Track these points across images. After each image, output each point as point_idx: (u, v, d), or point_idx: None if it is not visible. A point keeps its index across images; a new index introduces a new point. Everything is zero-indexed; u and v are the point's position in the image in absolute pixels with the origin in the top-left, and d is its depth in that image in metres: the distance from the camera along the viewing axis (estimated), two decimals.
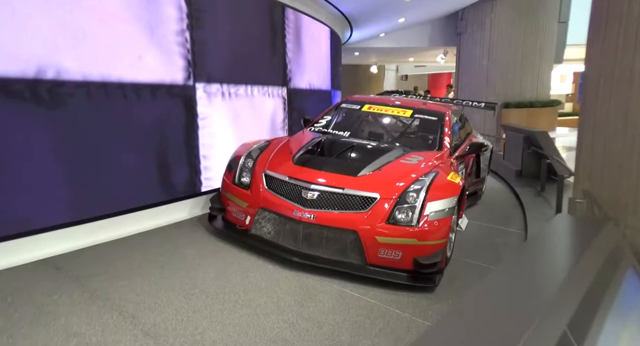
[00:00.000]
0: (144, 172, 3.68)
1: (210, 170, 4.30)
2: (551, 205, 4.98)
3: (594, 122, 3.11)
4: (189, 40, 3.85)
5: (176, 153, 3.93)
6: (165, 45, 3.64)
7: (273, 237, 3.30)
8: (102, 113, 3.26)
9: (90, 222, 3.31)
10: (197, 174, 4.17)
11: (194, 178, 4.15)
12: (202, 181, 4.24)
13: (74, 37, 2.98)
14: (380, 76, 22.96)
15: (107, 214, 3.42)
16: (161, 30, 3.59)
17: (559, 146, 6.79)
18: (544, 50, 11.55)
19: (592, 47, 3.24)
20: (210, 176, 4.31)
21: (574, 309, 1.30)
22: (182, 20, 3.77)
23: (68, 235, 3.17)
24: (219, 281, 2.86)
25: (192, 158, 4.09)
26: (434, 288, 2.91)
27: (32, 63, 2.79)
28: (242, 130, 4.76)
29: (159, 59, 3.61)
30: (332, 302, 2.68)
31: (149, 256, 3.17)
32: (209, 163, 4.28)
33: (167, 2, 3.63)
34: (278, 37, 5.54)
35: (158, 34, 3.56)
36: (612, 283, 1.73)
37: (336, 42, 8.86)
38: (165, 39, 3.63)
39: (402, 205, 2.99)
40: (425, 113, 4.53)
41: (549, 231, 2.41)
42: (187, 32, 3.83)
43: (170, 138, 3.85)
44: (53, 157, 3.00)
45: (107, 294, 2.58)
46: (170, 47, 3.69)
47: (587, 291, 1.46)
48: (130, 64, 3.39)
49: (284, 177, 3.32)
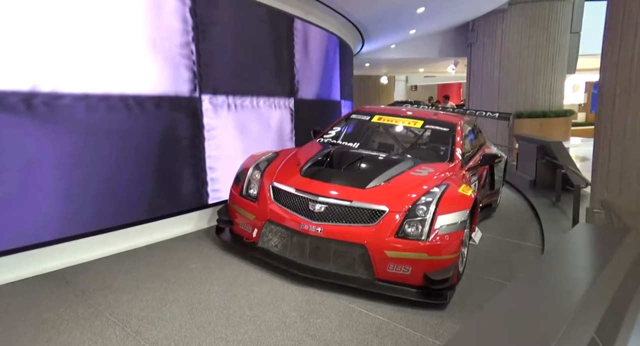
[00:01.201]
0: (150, 184, 3.66)
1: (218, 181, 4.28)
2: (567, 216, 4.86)
3: (611, 131, 3.06)
4: (194, 52, 3.86)
5: (183, 165, 3.92)
6: (170, 58, 3.65)
7: (280, 250, 3.24)
8: (106, 126, 3.24)
9: (98, 235, 3.29)
10: (204, 186, 4.15)
11: (200, 190, 4.12)
12: (209, 193, 4.21)
13: (72, 48, 2.98)
14: (391, 87, 22.98)
15: (114, 227, 3.40)
16: (166, 42, 3.59)
17: (572, 156, 6.68)
18: (556, 60, 11.48)
19: (608, 57, 3.21)
20: (218, 188, 4.28)
21: (600, 316, 1.27)
22: (188, 32, 3.78)
23: (77, 247, 3.16)
24: (225, 296, 2.81)
25: (198, 170, 4.07)
26: (445, 305, 2.81)
27: (28, 75, 2.77)
28: (249, 142, 4.74)
29: (164, 71, 3.62)
30: (339, 319, 2.60)
31: (155, 269, 3.14)
32: (215, 175, 4.25)
33: (172, 14, 3.64)
34: (285, 47, 5.55)
35: (163, 46, 3.57)
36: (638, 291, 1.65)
37: (346, 53, 8.87)
38: (170, 51, 3.64)
39: (412, 219, 2.91)
40: (436, 124, 4.46)
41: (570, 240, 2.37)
42: (193, 44, 3.84)
43: (177, 150, 3.84)
44: (59, 171, 3.00)
45: (111, 308, 2.55)
46: (175, 60, 3.69)
47: (613, 298, 1.42)
48: (134, 76, 3.39)
49: (291, 189, 3.28)
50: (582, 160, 8.65)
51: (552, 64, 11.44)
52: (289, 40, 5.63)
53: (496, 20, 11.77)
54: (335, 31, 7.76)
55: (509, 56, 11.71)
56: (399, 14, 8.66)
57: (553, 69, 11.49)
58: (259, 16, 4.87)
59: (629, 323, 1.35)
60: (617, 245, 2.01)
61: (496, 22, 11.79)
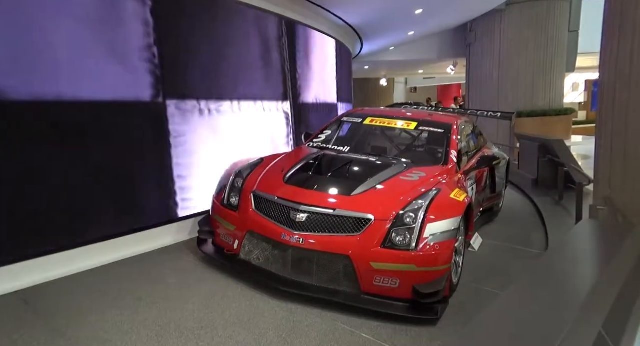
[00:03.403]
0: (112, 196, 3.40)
1: (190, 190, 4.02)
2: (571, 214, 4.72)
3: (612, 128, 3.03)
4: (157, 55, 3.64)
5: (146, 174, 3.65)
6: (129, 62, 3.43)
7: (261, 262, 3.04)
8: (59, 135, 3.03)
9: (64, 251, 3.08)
10: (172, 196, 3.88)
11: (167, 201, 3.85)
12: (178, 202, 3.93)
13: (20, 51, 2.76)
14: (390, 89, 22.86)
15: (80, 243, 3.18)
16: (123, 46, 3.38)
17: (574, 154, 6.52)
18: (555, 59, 11.39)
19: (607, 53, 3.19)
20: (189, 197, 4.01)
21: (607, 311, 1.28)
22: (149, 35, 3.56)
23: (41, 264, 2.95)
24: (198, 314, 2.61)
25: (165, 179, 3.81)
26: (436, 320, 2.58)
27: None
28: (233, 148, 4.52)
29: (122, 76, 3.39)
30: (320, 338, 2.39)
31: (128, 286, 2.94)
32: (187, 184, 3.99)
33: (131, 17, 3.43)
34: (276, 50, 5.38)
35: (120, 50, 3.35)
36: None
37: (344, 55, 8.70)
38: (128, 55, 3.42)
39: (400, 227, 2.70)
40: (430, 125, 4.25)
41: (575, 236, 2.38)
42: (155, 47, 3.62)
43: (138, 158, 3.59)
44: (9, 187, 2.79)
45: (72, 331, 2.35)
46: (134, 64, 3.47)
47: (620, 293, 1.42)
48: (88, 81, 3.18)
49: (273, 197, 3.08)
50: (583, 158, 8.44)
51: (551, 62, 11.34)
52: (279, 42, 5.46)
53: (494, 20, 11.71)
54: (332, 33, 7.60)
55: (508, 56, 11.63)
56: (396, 15, 8.52)
57: (552, 67, 11.37)
58: (241, 18, 4.71)
59: (636, 318, 1.37)
60: (622, 240, 1.97)
61: (494, 22, 11.73)
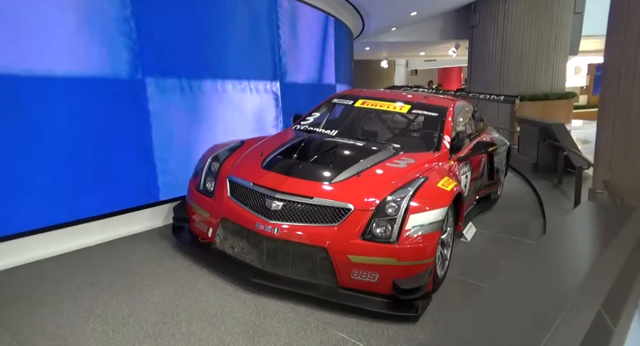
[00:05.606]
0: (86, 178, 3.22)
1: (171, 173, 3.82)
2: (570, 198, 4.62)
3: (615, 112, 2.94)
4: (134, 29, 3.37)
5: (124, 155, 3.45)
6: (105, 35, 3.18)
7: (236, 252, 2.86)
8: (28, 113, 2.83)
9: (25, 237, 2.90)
10: (152, 179, 3.68)
11: (148, 183, 3.66)
12: (159, 186, 3.74)
13: None
14: (391, 71, 22.45)
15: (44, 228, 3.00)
16: (97, 17, 3.13)
17: (574, 138, 6.38)
18: (558, 41, 11.06)
19: (613, 37, 3.13)
20: (170, 180, 3.81)
21: (607, 291, 1.28)
22: (126, 6, 3.30)
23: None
24: (163, 306, 2.44)
25: (144, 161, 3.60)
26: (417, 317, 2.40)
27: None
28: (217, 129, 4.29)
29: (97, 50, 3.15)
30: (290, 335, 2.22)
31: (91, 275, 2.76)
32: (168, 166, 3.79)
33: None
34: (266, 27, 5.08)
35: (93, 22, 3.10)
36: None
37: (343, 34, 8.33)
38: (104, 27, 3.17)
39: (381, 218, 2.50)
40: (425, 108, 3.97)
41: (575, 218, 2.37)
42: (132, 21, 3.35)
43: (116, 139, 3.38)
44: None
45: (20, 325, 2.18)
46: (110, 38, 3.22)
47: (620, 273, 1.43)
48: (58, 56, 2.95)
49: (248, 183, 2.87)
50: (583, 142, 8.24)
51: (554, 45, 11.03)
52: (270, 18, 5.16)
53: (498, 2, 11.29)
54: (330, 11, 7.25)
55: (512, 38, 11.28)
56: None
57: (555, 50, 11.08)
58: None
59: (634, 298, 1.37)
60: (622, 222, 1.98)
61: (498, 3, 11.37)
